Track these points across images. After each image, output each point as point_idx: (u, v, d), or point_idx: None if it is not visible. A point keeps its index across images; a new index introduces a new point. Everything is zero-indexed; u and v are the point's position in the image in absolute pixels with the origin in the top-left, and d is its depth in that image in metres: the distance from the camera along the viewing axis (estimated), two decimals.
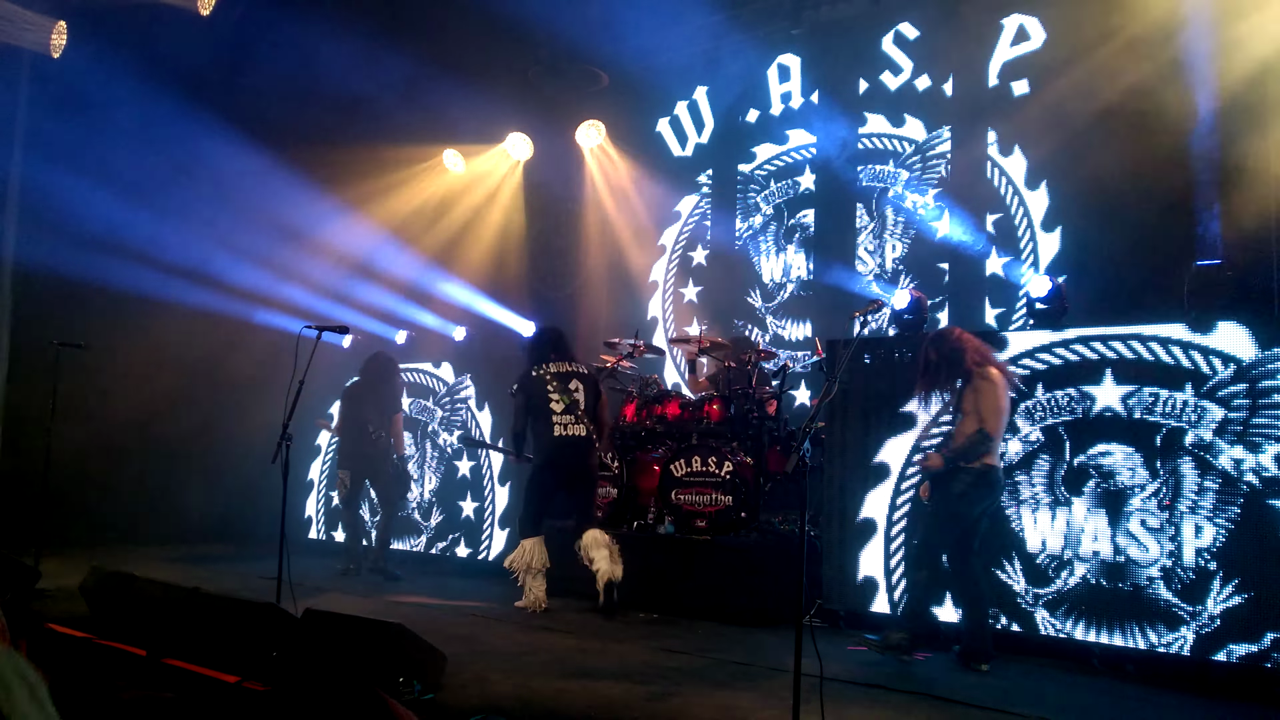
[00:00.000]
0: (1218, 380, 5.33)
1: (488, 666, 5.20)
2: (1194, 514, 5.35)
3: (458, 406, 9.69)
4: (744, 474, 7.35)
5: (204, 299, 10.45)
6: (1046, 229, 7.85)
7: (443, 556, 9.47)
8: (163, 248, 9.96)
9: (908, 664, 5.60)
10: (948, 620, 6.04)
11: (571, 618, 6.89)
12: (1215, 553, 5.26)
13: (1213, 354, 5.37)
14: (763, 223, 9.79)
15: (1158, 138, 6.73)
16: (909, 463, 6.49)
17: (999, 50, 8.21)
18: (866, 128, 9.02)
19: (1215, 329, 5.38)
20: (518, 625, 6.58)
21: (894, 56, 8.92)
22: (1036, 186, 7.94)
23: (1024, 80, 8.05)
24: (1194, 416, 5.39)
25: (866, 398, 6.74)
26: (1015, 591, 5.93)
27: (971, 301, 8.20)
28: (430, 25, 9.74)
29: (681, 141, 10.54)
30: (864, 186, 9.01)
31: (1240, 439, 5.24)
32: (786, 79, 9.75)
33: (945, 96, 8.59)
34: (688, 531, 7.40)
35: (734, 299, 9.84)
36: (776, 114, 9.80)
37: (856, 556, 6.62)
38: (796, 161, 9.62)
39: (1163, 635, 5.37)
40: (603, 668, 5.35)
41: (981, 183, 8.24)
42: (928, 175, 8.64)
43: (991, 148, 8.24)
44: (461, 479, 9.51)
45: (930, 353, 5.81)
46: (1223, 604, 5.21)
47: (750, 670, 5.41)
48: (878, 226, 8.90)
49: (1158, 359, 5.54)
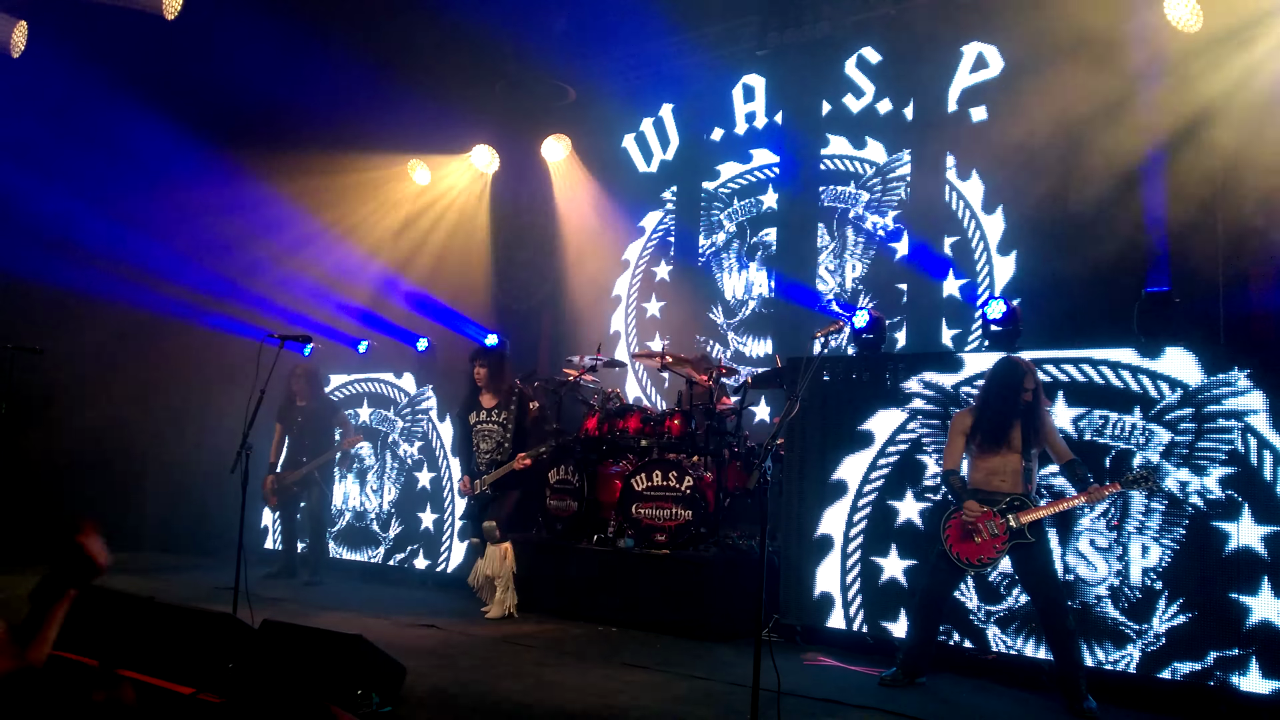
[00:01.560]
0: (1165, 404, 5.49)
1: (448, 679, 5.21)
2: (1141, 534, 5.49)
3: (419, 418, 9.66)
4: (704, 489, 7.42)
5: (163, 305, 10.33)
6: (1002, 252, 8.02)
7: (401, 568, 9.43)
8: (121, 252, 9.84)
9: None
10: (901, 636, 6.14)
11: (531, 630, 6.90)
12: (1161, 572, 5.40)
13: (1161, 378, 5.53)
14: (725, 240, 9.89)
15: (1111, 166, 6.90)
16: (866, 479, 6.59)
17: (959, 77, 8.38)
18: (829, 149, 9.16)
19: (1163, 354, 5.55)
20: (478, 638, 6.58)
21: (856, 80, 9.07)
22: (993, 211, 8.11)
23: (982, 106, 8.22)
24: (1142, 439, 5.53)
25: (825, 415, 6.84)
26: (967, 609, 6.04)
27: (929, 322, 8.34)
28: (397, 36, 9.73)
29: (647, 158, 10.62)
30: (825, 207, 9.13)
31: (1186, 462, 5.39)
32: (751, 99, 9.87)
33: (906, 120, 8.74)
34: (647, 546, 7.44)
35: (696, 315, 9.92)
36: (741, 133, 9.91)
37: (813, 572, 6.70)
38: (759, 180, 9.73)
39: (1110, 653, 5.50)
40: (562, 681, 5.38)
41: (940, 206, 8.40)
42: (888, 197, 8.78)
43: (950, 172, 8.40)
44: (421, 490, 9.47)
45: (1026, 388, 5.51)
46: (1168, 623, 5.35)
47: (709, 684, 5.47)
48: (838, 246, 9.03)
49: (1108, 382, 5.69)
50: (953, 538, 5.56)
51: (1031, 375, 5.53)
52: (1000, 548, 5.42)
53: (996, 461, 5.50)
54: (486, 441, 7.63)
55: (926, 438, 6.38)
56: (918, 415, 6.43)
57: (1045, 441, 5.49)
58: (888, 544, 6.43)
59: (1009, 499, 5.43)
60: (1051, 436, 5.50)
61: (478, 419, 7.70)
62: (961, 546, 5.52)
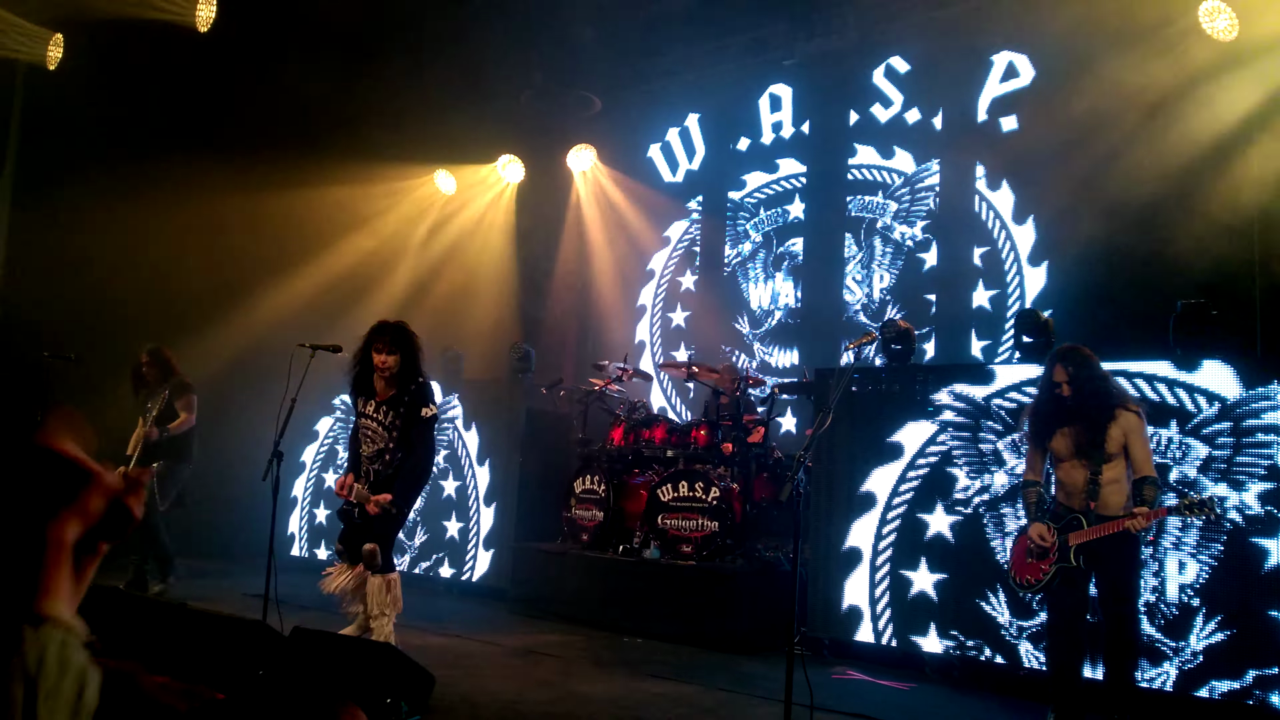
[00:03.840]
0: (1202, 418, 5.41)
1: (475, 688, 5.20)
2: (1178, 550, 5.41)
3: (443, 426, 9.67)
4: (730, 500, 7.38)
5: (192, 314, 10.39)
6: (1033, 263, 7.96)
7: (426, 577, 9.43)
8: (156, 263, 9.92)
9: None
10: (931, 650, 6.08)
11: (557, 640, 6.88)
12: (1199, 589, 5.32)
13: (1198, 392, 5.45)
14: (752, 250, 9.87)
15: (1145, 175, 6.84)
16: (895, 492, 6.54)
17: (989, 86, 8.33)
18: (856, 159, 9.13)
19: (1200, 367, 5.47)
20: (505, 648, 6.57)
21: (885, 89, 9.04)
22: (1024, 221, 8.05)
23: (1013, 116, 8.17)
24: (1179, 453, 5.46)
25: (854, 427, 6.79)
26: (999, 623, 5.98)
27: (958, 334, 8.28)
28: (425, 47, 9.79)
29: (673, 167, 10.62)
30: (853, 217, 9.10)
31: (1224, 477, 5.31)
32: (778, 108, 9.86)
33: (935, 130, 8.71)
34: (674, 556, 7.41)
35: (722, 325, 9.90)
36: (767, 143, 9.90)
37: (841, 585, 6.65)
38: (786, 190, 9.71)
39: (1146, 671, 5.42)
40: (589, 692, 5.35)
41: (969, 216, 8.35)
42: (916, 207, 8.74)
43: (980, 182, 8.35)
44: (446, 499, 9.48)
45: (1057, 381, 4.98)
46: (1205, 640, 5.27)
47: (737, 697, 5.43)
48: (866, 256, 8.99)
49: (1144, 396, 5.61)
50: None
51: (1069, 364, 4.93)
52: (1047, 569, 4.99)
53: (1062, 472, 5.04)
54: (369, 444, 5.80)
55: (957, 450, 6.32)
56: (948, 428, 6.38)
57: (1121, 448, 4.83)
58: (917, 557, 6.37)
59: (1070, 516, 4.93)
60: (1131, 445, 4.83)
61: (364, 409, 5.87)
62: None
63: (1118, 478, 4.84)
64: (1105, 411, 4.86)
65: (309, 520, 10.62)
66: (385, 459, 5.71)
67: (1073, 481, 4.93)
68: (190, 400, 7.96)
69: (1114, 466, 4.83)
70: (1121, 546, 4.80)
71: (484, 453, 9.24)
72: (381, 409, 5.75)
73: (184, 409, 7.90)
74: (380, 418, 5.74)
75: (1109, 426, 4.82)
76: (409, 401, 5.69)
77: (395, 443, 5.68)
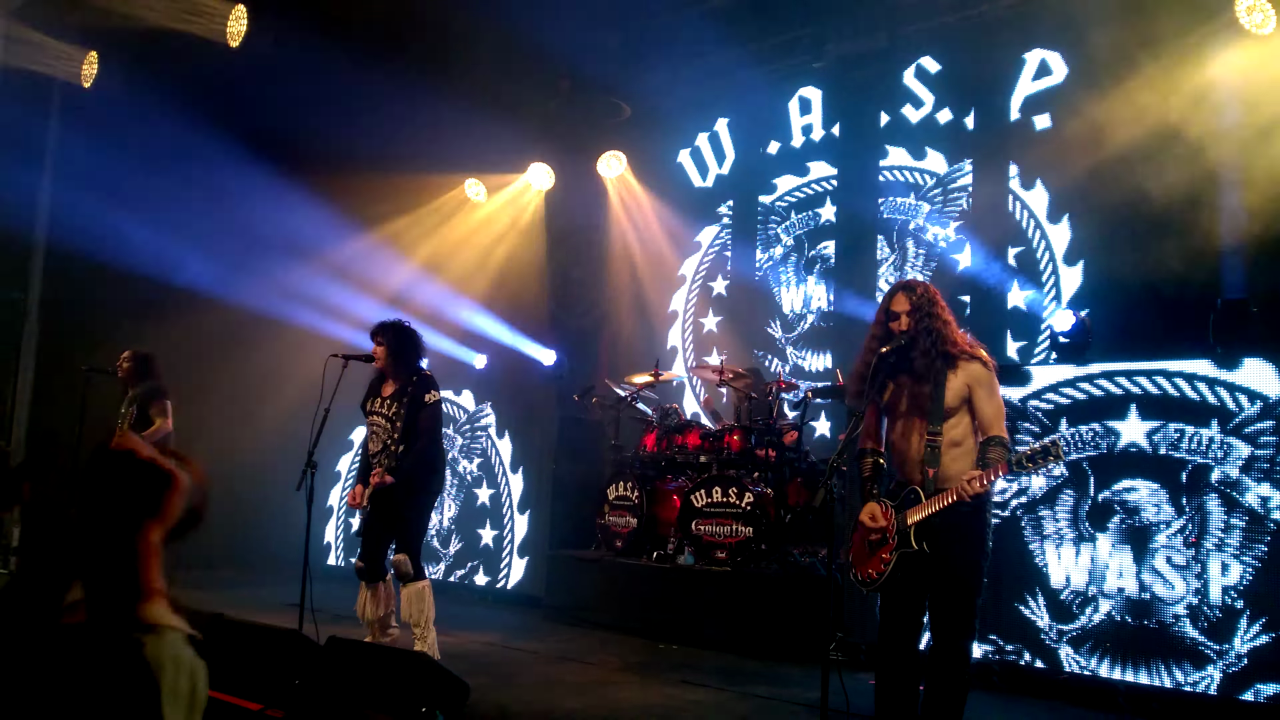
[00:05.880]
0: (1244, 417, 5.31)
1: (510, 697, 5.20)
2: (1220, 551, 5.31)
3: (478, 434, 9.72)
4: (764, 505, 7.34)
5: (226, 326, 10.52)
6: (1069, 263, 7.85)
7: (461, 584, 9.47)
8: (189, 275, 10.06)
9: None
10: None
11: (592, 647, 6.88)
12: (1242, 591, 5.22)
13: (1239, 390, 5.35)
14: (783, 254, 9.82)
15: (1183, 172, 6.72)
16: None
17: (1021, 84, 8.23)
18: (888, 160, 9.06)
19: (1241, 365, 5.37)
20: (540, 655, 6.58)
21: (915, 90, 8.96)
22: (1059, 220, 7.95)
23: (1046, 114, 8.06)
24: (1220, 453, 5.36)
25: None
26: (1039, 628, 5.89)
27: (993, 335, 8.18)
28: (453, 56, 9.83)
29: (702, 172, 10.60)
30: (885, 218, 9.03)
31: (1267, 476, 5.21)
32: (808, 111, 9.81)
33: (967, 130, 8.61)
34: (708, 562, 7.39)
35: (754, 329, 9.86)
36: (797, 146, 9.85)
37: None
38: (817, 193, 9.66)
39: (1189, 674, 5.32)
40: (624, 699, 5.34)
41: (1003, 216, 8.25)
42: (949, 208, 8.66)
43: (1013, 181, 8.25)
44: (480, 506, 9.52)
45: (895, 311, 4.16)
46: (1250, 643, 5.16)
47: (773, 704, 5.39)
48: (898, 259, 8.92)
49: (1183, 395, 5.52)
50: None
51: (912, 293, 4.13)
52: (888, 557, 4.12)
53: (896, 433, 4.20)
54: (375, 440, 6.02)
55: None
56: None
57: (964, 402, 4.03)
58: None
59: (907, 490, 4.10)
60: (977, 399, 4.01)
61: (372, 407, 6.09)
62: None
63: (961, 439, 4.02)
64: (945, 357, 4.01)
65: (345, 529, 10.70)
66: (391, 450, 5.86)
67: (908, 445, 4.09)
68: (164, 405, 7.66)
69: (956, 426, 4.01)
70: (962, 527, 3.91)
71: (517, 460, 9.27)
72: (386, 403, 5.98)
73: (158, 415, 7.62)
74: (385, 411, 5.96)
75: (949, 375, 4.00)
76: (411, 392, 5.89)
77: (400, 434, 5.84)
